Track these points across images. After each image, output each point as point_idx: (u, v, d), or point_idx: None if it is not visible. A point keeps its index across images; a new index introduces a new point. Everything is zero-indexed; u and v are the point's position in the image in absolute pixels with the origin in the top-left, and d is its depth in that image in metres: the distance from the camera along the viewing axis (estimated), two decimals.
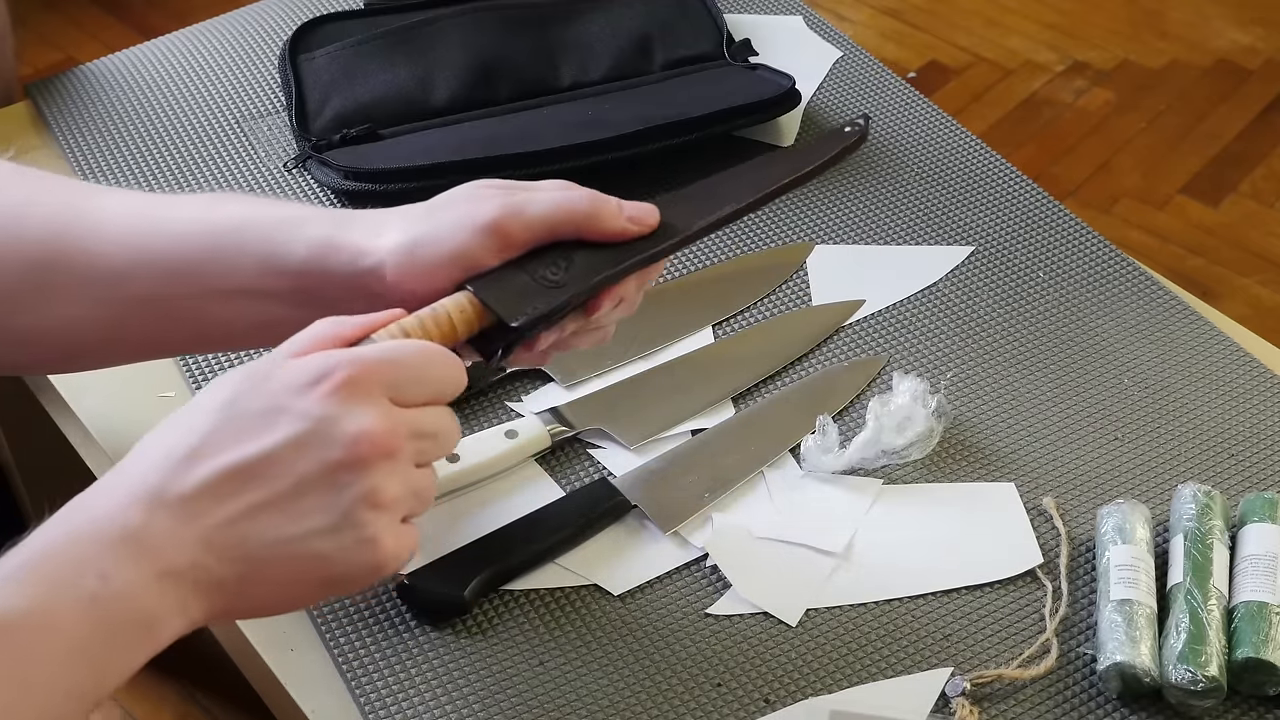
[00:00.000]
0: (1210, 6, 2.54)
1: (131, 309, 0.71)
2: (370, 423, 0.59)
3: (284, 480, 0.59)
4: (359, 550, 0.60)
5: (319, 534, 0.59)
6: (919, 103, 1.16)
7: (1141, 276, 1.02)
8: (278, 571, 0.60)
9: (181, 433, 0.59)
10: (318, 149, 1.02)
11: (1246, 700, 0.77)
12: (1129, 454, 0.89)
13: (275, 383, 0.60)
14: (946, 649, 0.79)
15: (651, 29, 1.14)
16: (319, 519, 0.59)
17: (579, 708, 0.75)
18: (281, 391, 0.59)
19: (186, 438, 0.59)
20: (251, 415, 0.59)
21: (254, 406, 0.59)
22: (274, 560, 0.59)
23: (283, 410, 0.59)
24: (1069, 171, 2.22)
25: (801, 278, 1.00)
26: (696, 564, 0.82)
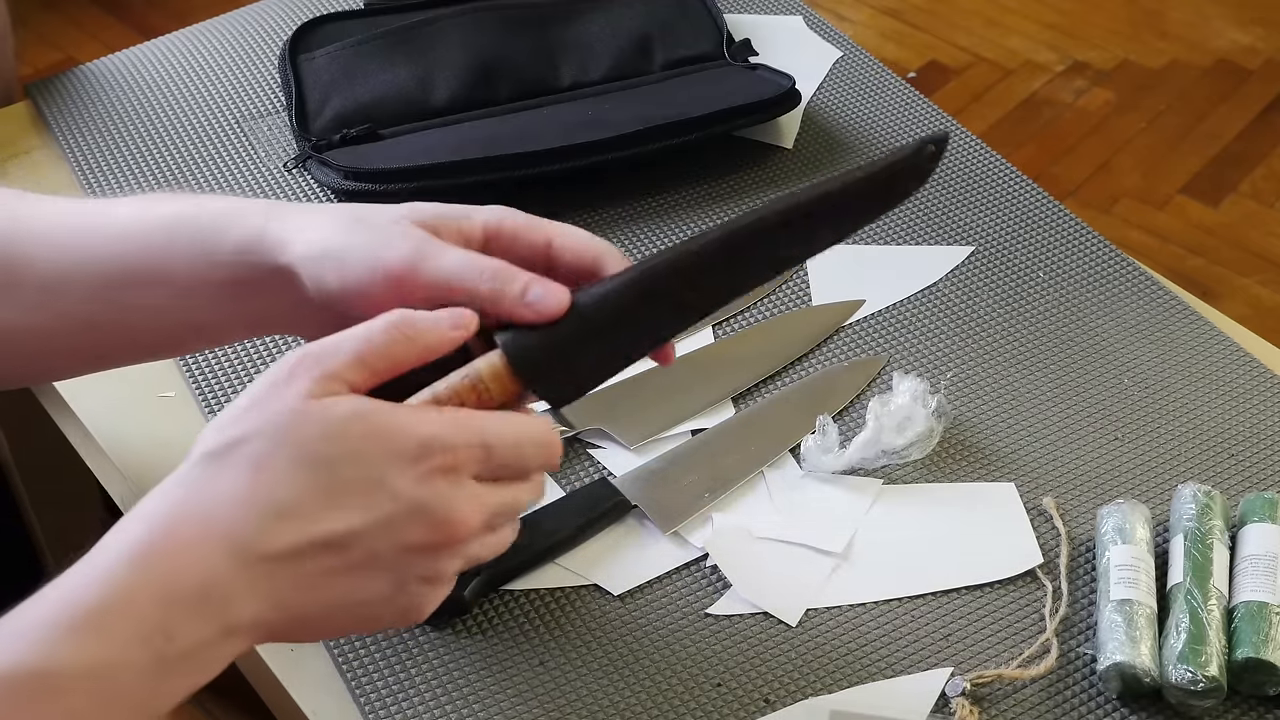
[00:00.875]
0: (1210, 6, 2.54)
1: (69, 316, 0.69)
2: (458, 513, 0.59)
3: (363, 553, 0.58)
4: (405, 613, 0.62)
5: (376, 599, 0.60)
6: (919, 103, 1.16)
7: (1141, 276, 1.02)
8: (325, 622, 0.61)
9: (269, 485, 0.57)
10: (318, 149, 1.02)
11: (1246, 700, 0.77)
12: (1129, 454, 0.89)
13: (374, 450, 0.58)
14: (946, 649, 0.79)
15: (651, 29, 1.14)
16: (381, 588, 0.60)
17: (579, 708, 0.75)
18: (381, 463, 0.58)
19: (276, 492, 0.57)
20: (347, 484, 0.57)
21: (350, 475, 0.57)
22: (327, 615, 0.60)
23: (380, 487, 0.58)
24: (1069, 171, 2.22)
25: (801, 278, 1.00)
26: (696, 564, 0.82)
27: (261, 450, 0.57)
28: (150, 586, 0.55)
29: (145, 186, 1.03)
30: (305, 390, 0.58)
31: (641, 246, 1.01)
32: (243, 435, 0.57)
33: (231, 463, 0.57)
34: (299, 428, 0.57)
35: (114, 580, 0.54)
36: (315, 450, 0.57)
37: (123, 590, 0.54)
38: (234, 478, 0.57)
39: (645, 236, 1.02)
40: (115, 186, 1.03)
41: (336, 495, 0.57)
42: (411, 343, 0.60)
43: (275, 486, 0.57)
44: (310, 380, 0.58)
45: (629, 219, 1.03)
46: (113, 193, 1.03)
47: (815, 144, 1.11)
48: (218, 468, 0.57)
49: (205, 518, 0.56)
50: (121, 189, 1.03)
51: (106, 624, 0.54)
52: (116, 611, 0.54)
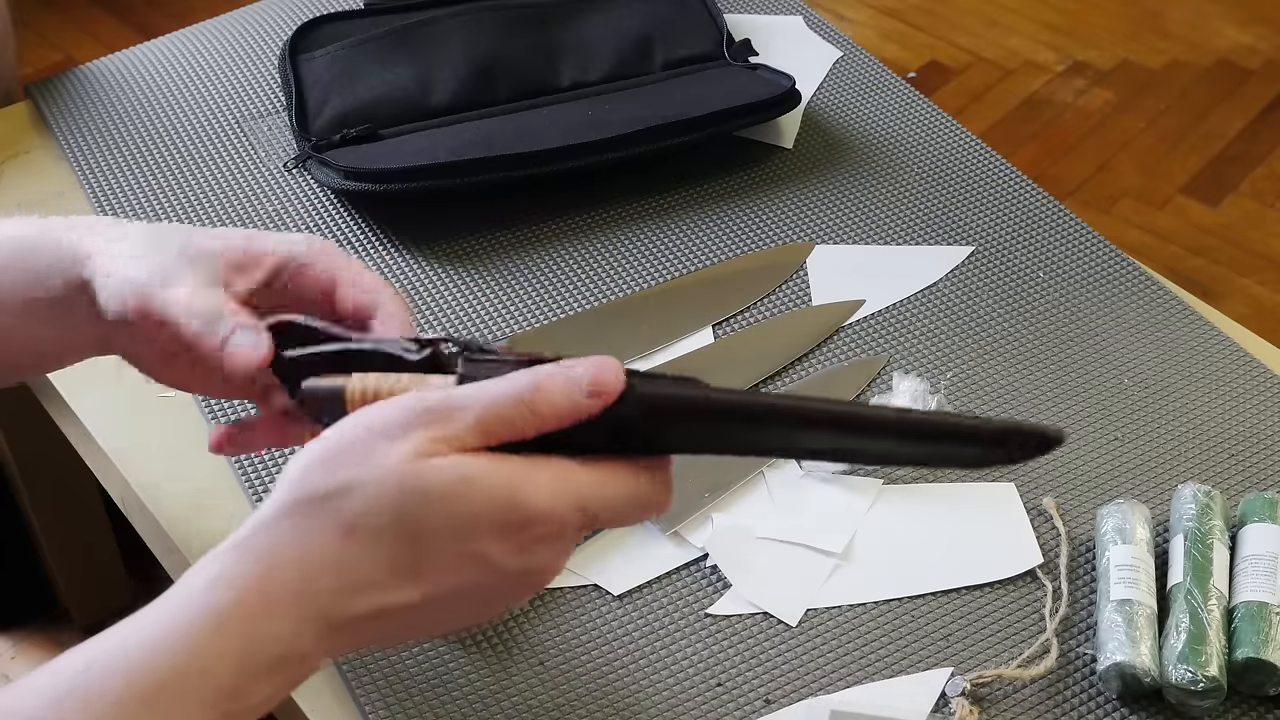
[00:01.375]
0: (1210, 6, 2.54)
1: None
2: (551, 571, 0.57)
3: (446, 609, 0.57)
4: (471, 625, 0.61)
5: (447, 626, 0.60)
6: (919, 103, 1.16)
7: (1141, 276, 1.02)
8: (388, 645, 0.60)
9: (362, 555, 0.54)
10: (318, 149, 1.02)
11: (1246, 700, 0.77)
12: (1129, 454, 0.89)
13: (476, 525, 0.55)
14: (946, 649, 0.79)
15: (651, 29, 1.14)
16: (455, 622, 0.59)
17: (579, 708, 0.75)
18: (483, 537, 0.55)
19: (367, 564, 0.54)
20: (443, 556, 0.55)
21: (448, 547, 0.55)
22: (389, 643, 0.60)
23: (478, 559, 0.55)
24: (1069, 171, 2.22)
25: (801, 278, 1.00)
26: (696, 564, 0.82)
27: (357, 511, 0.54)
28: (230, 654, 0.53)
29: (145, 186, 1.03)
30: (414, 450, 0.54)
31: (641, 246, 1.01)
32: (339, 488, 0.54)
33: (324, 521, 0.54)
34: (401, 493, 0.54)
35: (194, 645, 0.52)
36: (415, 521, 0.54)
37: (203, 657, 0.52)
38: (326, 541, 0.54)
39: (645, 236, 1.02)
40: (115, 186, 1.03)
41: (431, 567, 0.55)
42: (539, 416, 0.56)
43: (368, 558, 0.54)
44: (423, 440, 0.54)
45: (629, 219, 1.03)
46: (112, 192, 1.03)
47: (815, 144, 1.11)
48: (309, 523, 0.54)
49: (293, 583, 0.54)
50: (121, 189, 1.03)
51: (182, 693, 0.52)
52: (193, 679, 0.52)
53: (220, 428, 0.69)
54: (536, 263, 1.00)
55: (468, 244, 1.01)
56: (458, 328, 0.95)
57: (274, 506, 0.55)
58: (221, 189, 1.03)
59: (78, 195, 1.04)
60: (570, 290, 0.98)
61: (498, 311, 0.96)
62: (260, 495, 0.83)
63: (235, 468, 0.85)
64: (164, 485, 0.86)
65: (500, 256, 1.00)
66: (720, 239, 1.02)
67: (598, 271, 0.99)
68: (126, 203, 1.02)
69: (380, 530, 0.54)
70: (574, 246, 1.01)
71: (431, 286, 0.97)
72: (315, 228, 1.01)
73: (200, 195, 1.03)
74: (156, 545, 0.88)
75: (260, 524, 0.55)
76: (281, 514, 0.54)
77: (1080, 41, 2.46)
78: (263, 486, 0.84)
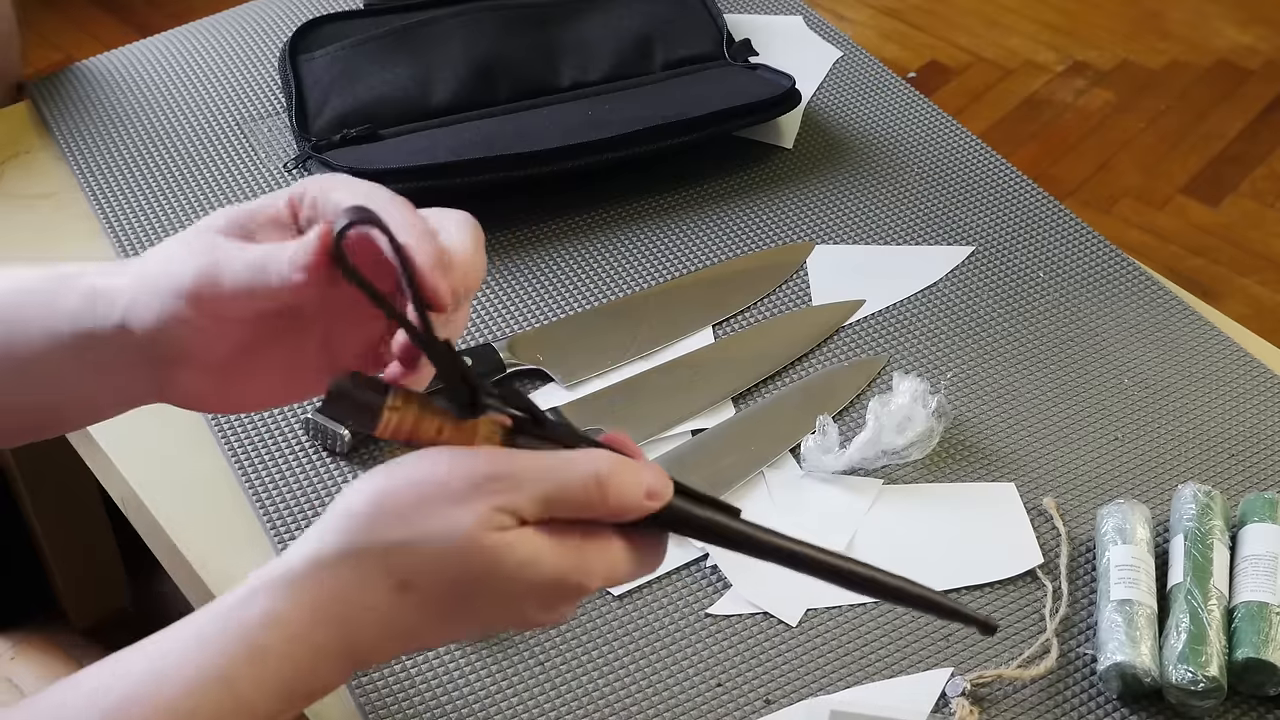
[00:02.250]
0: (1210, 6, 2.54)
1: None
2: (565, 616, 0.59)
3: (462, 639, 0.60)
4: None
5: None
6: (919, 103, 1.16)
7: (1141, 276, 1.02)
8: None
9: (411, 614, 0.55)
10: (318, 149, 1.02)
11: (1246, 700, 0.77)
12: (1129, 454, 0.89)
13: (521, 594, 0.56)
14: (946, 649, 0.79)
15: (651, 29, 1.14)
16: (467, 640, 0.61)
17: (579, 708, 0.75)
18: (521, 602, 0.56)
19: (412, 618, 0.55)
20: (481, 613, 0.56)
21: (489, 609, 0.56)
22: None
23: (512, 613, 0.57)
24: (1069, 171, 2.22)
25: (801, 278, 1.00)
26: (696, 564, 0.82)
27: (415, 569, 0.54)
28: (269, 690, 0.54)
29: (145, 187, 1.03)
30: (481, 518, 0.54)
31: (641, 246, 1.01)
32: (401, 544, 0.54)
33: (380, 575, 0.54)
34: (463, 563, 0.54)
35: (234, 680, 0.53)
36: (469, 589, 0.55)
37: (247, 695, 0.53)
38: (379, 596, 0.54)
39: (645, 236, 1.02)
40: (115, 186, 1.03)
41: (468, 619, 0.56)
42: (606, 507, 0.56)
43: (415, 614, 0.55)
44: (489, 508, 0.54)
45: (629, 219, 1.03)
46: (112, 192, 1.03)
47: (815, 144, 1.11)
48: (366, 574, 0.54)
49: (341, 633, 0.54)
50: (121, 189, 1.03)
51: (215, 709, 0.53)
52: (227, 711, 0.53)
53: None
54: (536, 263, 1.00)
55: None
56: None
57: (334, 548, 0.55)
58: (221, 189, 1.03)
59: (78, 195, 1.04)
60: (570, 290, 0.98)
61: (498, 311, 0.96)
62: (259, 495, 0.83)
63: (235, 467, 0.85)
64: (164, 485, 0.86)
65: (500, 256, 1.00)
66: (720, 239, 1.02)
67: (598, 271, 0.99)
68: (126, 203, 1.02)
69: (435, 596, 0.55)
70: (574, 246, 1.01)
71: None
72: None
73: (200, 195, 1.03)
74: (156, 545, 0.87)
75: (313, 564, 0.55)
76: (339, 558, 0.55)
77: (1080, 41, 2.46)
78: (261, 486, 0.84)
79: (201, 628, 0.54)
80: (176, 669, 0.53)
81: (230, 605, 0.54)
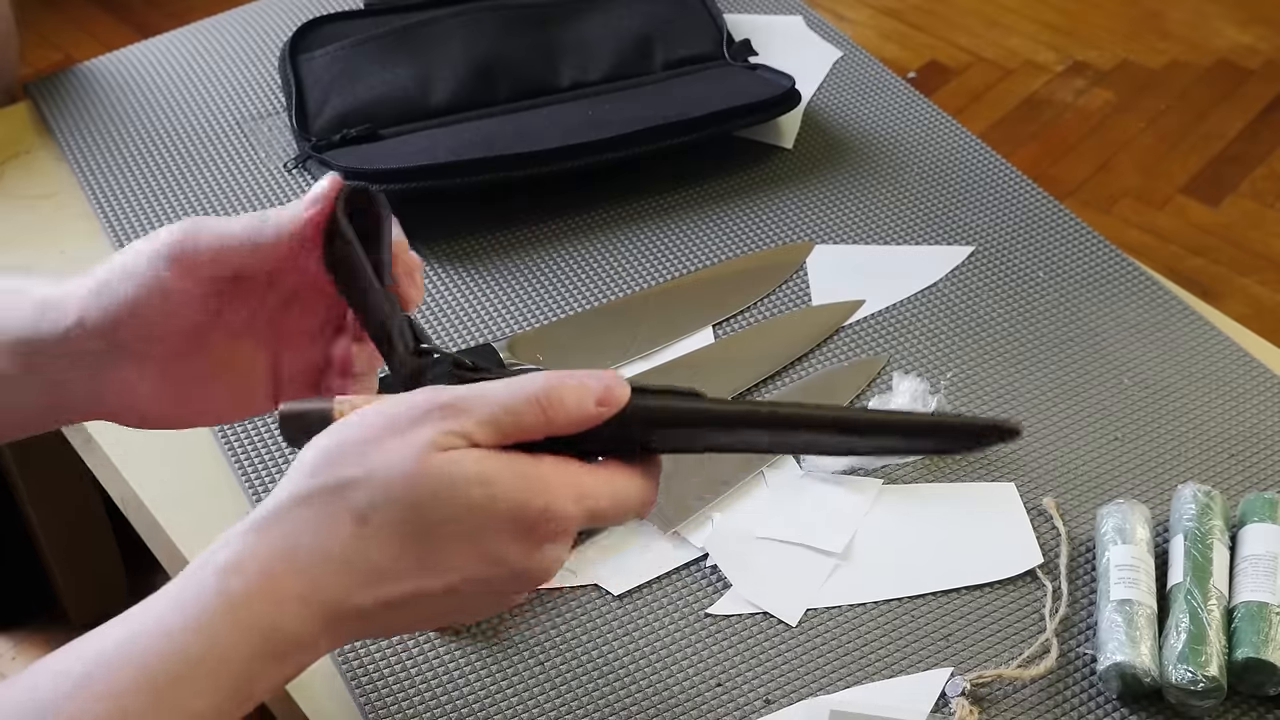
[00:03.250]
0: (1210, 6, 2.54)
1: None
2: (553, 568, 0.58)
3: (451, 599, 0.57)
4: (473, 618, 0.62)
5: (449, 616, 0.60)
6: (919, 103, 1.16)
7: (1141, 276, 1.02)
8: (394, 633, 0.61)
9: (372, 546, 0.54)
10: (318, 149, 1.02)
11: (1246, 700, 0.77)
12: (1129, 454, 0.89)
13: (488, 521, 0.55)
14: (946, 649, 0.79)
15: (651, 29, 1.14)
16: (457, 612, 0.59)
17: (579, 708, 0.75)
18: (492, 533, 0.55)
19: (377, 555, 0.55)
20: (452, 549, 0.55)
21: (458, 540, 0.55)
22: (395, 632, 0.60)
23: (486, 554, 0.56)
24: (1069, 171, 2.22)
25: (801, 278, 1.00)
26: (696, 564, 0.82)
27: (370, 502, 0.54)
28: (248, 641, 0.53)
29: (145, 187, 1.03)
30: (428, 440, 0.55)
31: (641, 246, 1.01)
32: (352, 479, 0.55)
33: (337, 511, 0.54)
34: (414, 485, 0.54)
35: (208, 633, 0.53)
36: (426, 513, 0.55)
37: (218, 643, 0.52)
38: (337, 530, 0.54)
39: (645, 236, 1.02)
40: (115, 186, 1.03)
41: (439, 559, 0.55)
42: (550, 421, 0.57)
43: (378, 548, 0.55)
44: (436, 431, 0.55)
45: (629, 219, 1.03)
46: (112, 192, 1.03)
47: (815, 144, 1.11)
48: (322, 513, 0.54)
49: (305, 571, 0.54)
50: (121, 189, 1.03)
51: (197, 679, 0.52)
52: (209, 666, 0.52)
53: None
54: (536, 263, 1.00)
55: (468, 244, 1.01)
56: (458, 327, 0.95)
57: (288, 494, 0.55)
58: (221, 189, 1.03)
59: (78, 195, 1.04)
60: (570, 290, 0.98)
61: (498, 311, 0.96)
62: (260, 495, 0.83)
63: (235, 468, 0.85)
64: (164, 485, 0.86)
65: (500, 256, 1.00)
66: (720, 239, 1.02)
67: (598, 271, 0.99)
68: (126, 203, 1.02)
69: (392, 523, 0.55)
70: (574, 246, 1.01)
71: (431, 286, 0.97)
72: None
73: (200, 196, 1.03)
74: (156, 545, 0.88)
75: (273, 511, 0.55)
76: (295, 503, 0.55)
77: (1080, 41, 2.46)
78: (263, 486, 0.84)
79: (174, 585, 0.54)
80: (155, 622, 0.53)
81: (200, 560, 0.54)
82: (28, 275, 0.64)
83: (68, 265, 0.99)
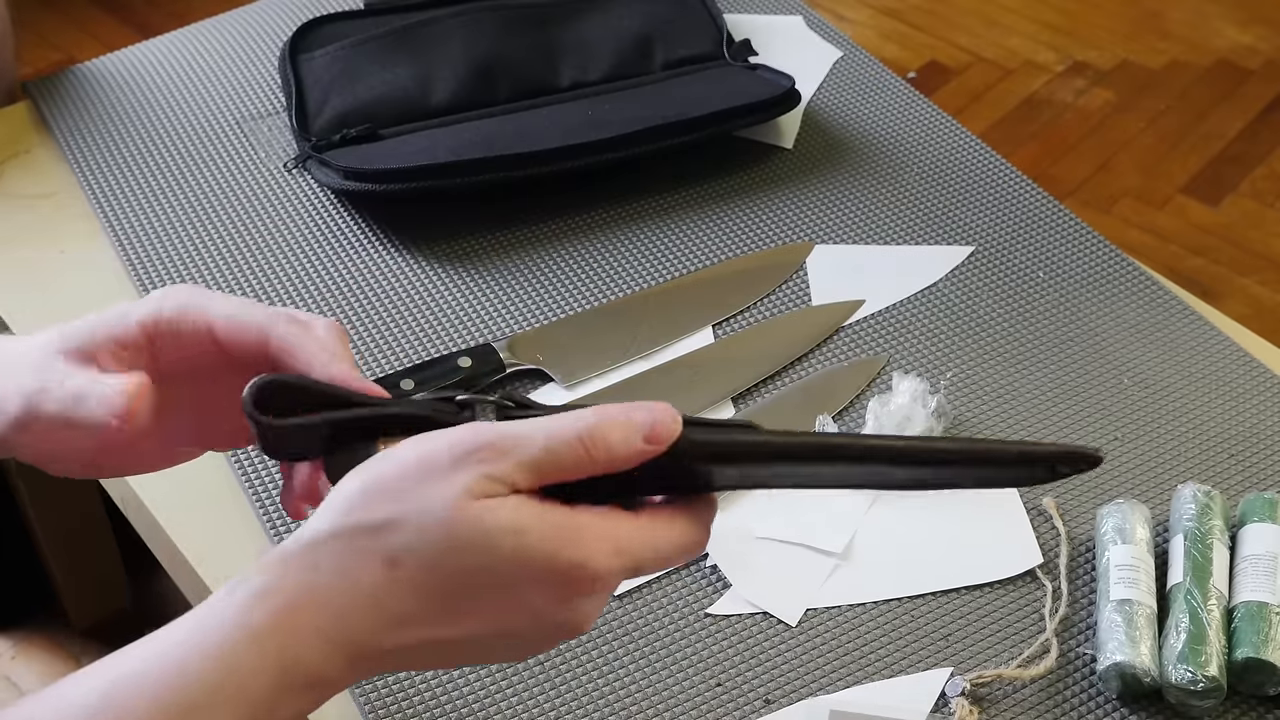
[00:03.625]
0: (1210, 6, 2.54)
1: None
2: (590, 620, 0.56)
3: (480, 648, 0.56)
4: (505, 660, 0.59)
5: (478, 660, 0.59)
6: (919, 103, 1.16)
7: (1141, 276, 1.02)
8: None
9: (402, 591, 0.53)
10: (318, 149, 1.02)
11: (1246, 700, 0.77)
12: (1129, 454, 0.89)
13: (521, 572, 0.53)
14: (946, 649, 0.79)
15: (651, 29, 1.14)
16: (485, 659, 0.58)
17: (579, 708, 0.75)
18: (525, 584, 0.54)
19: (407, 601, 0.53)
20: (483, 598, 0.54)
21: (489, 590, 0.53)
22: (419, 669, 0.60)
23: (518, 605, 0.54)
24: (1069, 171, 2.22)
25: (801, 278, 1.00)
26: (696, 564, 0.82)
27: (404, 546, 0.53)
28: (267, 671, 0.52)
29: (145, 187, 1.03)
30: (467, 487, 0.53)
31: (641, 246, 1.01)
32: (387, 521, 0.53)
33: (368, 552, 0.53)
34: (449, 533, 0.53)
35: (231, 662, 0.52)
36: (460, 560, 0.53)
37: (238, 673, 0.51)
38: (367, 571, 0.53)
39: (645, 236, 1.02)
40: (115, 186, 1.03)
41: (468, 608, 0.54)
42: (594, 460, 0.54)
43: (408, 594, 0.53)
44: (476, 476, 0.53)
45: (629, 219, 1.03)
46: (112, 192, 1.03)
47: (815, 144, 1.11)
48: (352, 552, 0.53)
49: (332, 610, 0.53)
50: (121, 189, 1.03)
51: (216, 709, 0.51)
52: (229, 696, 0.51)
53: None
54: (536, 263, 1.00)
55: (468, 244, 1.01)
56: (458, 327, 0.95)
57: (322, 530, 0.54)
58: (221, 189, 1.03)
59: (78, 195, 1.04)
60: (570, 290, 0.98)
61: (498, 311, 0.96)
62: (260, 497, 0.83)
63: (235, 468, 0.85)
64: (164, 485, 0.86)
65: (500, 256, 1.00)
66: (720, 239, 1.02)
67: (598, 271, 0.99)
68: (126, 203, 1.02)
69: (423, 568, 0.53)
70: (574, 246, 1.01)
71: (431, 286, 0.97)
72: (315, 228, 1.01)
73: (200, 195, 1.03)
74: (156, 545, 0.87)
75: (305, 545, 0.54)
76: (326, 539, 0.54)
77: (1080, 41, 2.46)
78: (263, 488, 0.84)
79: (197, 612, 0.53)
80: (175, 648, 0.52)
81: (226, 589, 0.53)
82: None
83: (67, 265, 0.99)
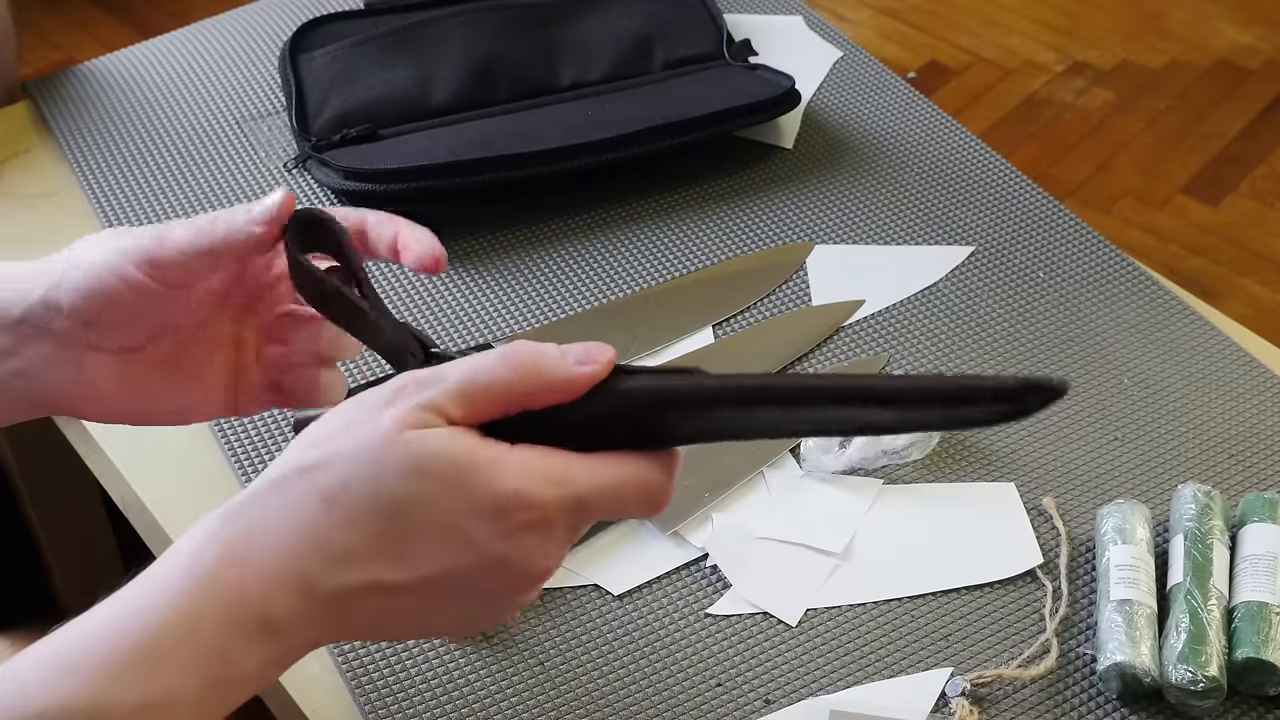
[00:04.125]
0: (1210, 6, 2.54)
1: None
2: (542, 564, 0.55)
3: (431, 595, 0.55)
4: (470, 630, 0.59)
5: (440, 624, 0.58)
6: (919, 103, 1.16)
7: (1141, 276, 1.02)
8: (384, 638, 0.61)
9: (339, 524, 0.53)
10: (318, 149, 1.02)
11: (1246, 700, 0.77)
12: (1129, 454, 0.89)
13: (454, 500, 0.53)
14: (946, 649, 0.79)
15: (651, 29, 1.14)
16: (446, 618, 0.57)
17: (579, 708, 0.75)
18: (460, 513, 0.53)
19: (344, 534, 0.53)
20: (420, 532, 0.53)
21: (426, 521, 0.53)
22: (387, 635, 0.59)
23: (458, 537, 0.53)
24: (1069, 171, 2.22)
25: (801, 278, 1.00)
26: (696, 564, 0.82)
27: (337, 480, 0.53)
28: (215, 613, 0.52)
29: (145, 186, 1.03)
30: (399, 418, 0.53)
31: (641, 246, 1.01)
32: (324, 459, 0.53)
33: (306, 489, 0.53)
34: (381, 461, 0.53)
35: (180, 603, 0.52)
36: (391, 490, 0.53)
37: (188, 614, 0.52)
38: (306, 507, 0.53)
39: (645, 236, 1.02)
40: (115, 186, 1.03)
41: (408, 543, 0.53)
42: (524, 380, 0.54)
43: (346, 528, 0.53)
44: (407, 407, 0.53)
45: (629, 219, 1.03)
46: (112, 192, 1.03)
47: (815, 144, 1.11)
48: (293, 492, 0.54)
49: (274, 547, 0.53)
50: (121, 189, 1.03)
51: (167, 653, 0.51)
52: (179, 639, 0.52)
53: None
54: (536, 263, 1.00)
55: (468, 244, 1.01)
56: (458, 327, 0.95)
57: (270, 476, 0.55)
58: (221, 189, 1.03)
59: (78, 195, 1.04)
60: (570, 290, 0.98)
61: (498, 311, 0.96)
62: None
63: (235, 468, 0.85)
64: (164, 485, 0.86)
65: (500, 256, 1.00)
66: (720, 239, 1.02)
67: (598, 271, 0.99)
68: (126, 203, 1.02)
69: (358, 500, 0.53)
70: (574, 246, 1.01)
71: (432, 286, 0.97)
72: None
73: (200, 195, 1.03)
74: (156, 545, 0.87)
75: (247, 495, 0.55)
76: (266, 487, 0.54)
77: (1080, 41, 2.46)
78: None
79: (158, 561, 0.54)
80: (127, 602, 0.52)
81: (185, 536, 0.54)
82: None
83: None
